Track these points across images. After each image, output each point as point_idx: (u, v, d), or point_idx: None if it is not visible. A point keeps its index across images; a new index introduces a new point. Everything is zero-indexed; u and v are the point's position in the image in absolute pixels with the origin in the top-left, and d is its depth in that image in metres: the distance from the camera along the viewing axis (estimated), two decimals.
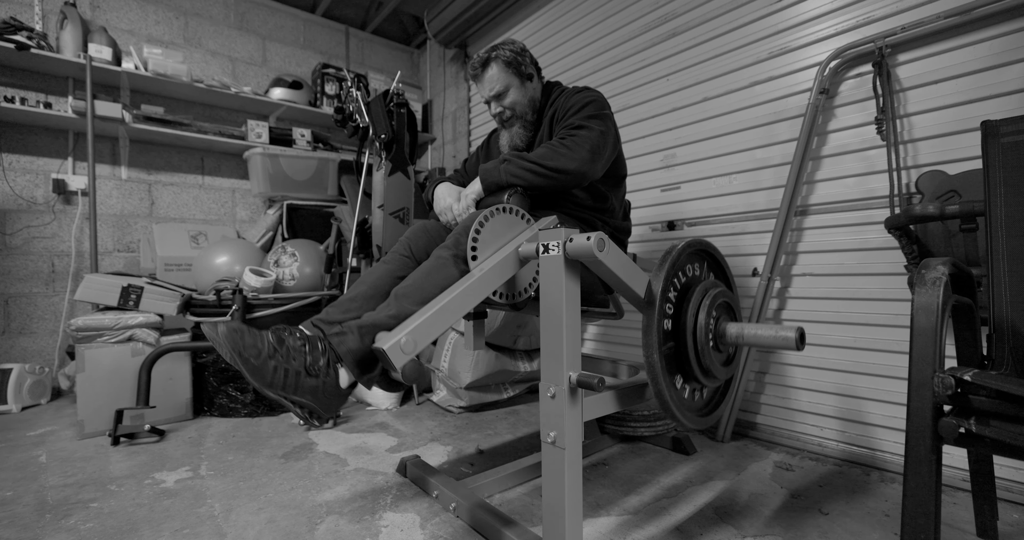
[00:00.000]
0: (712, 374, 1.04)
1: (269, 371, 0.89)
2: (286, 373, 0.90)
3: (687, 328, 1.00)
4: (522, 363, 2.27)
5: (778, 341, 0.94)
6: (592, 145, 1.24)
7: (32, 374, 2.25)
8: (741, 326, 1.02)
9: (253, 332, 0.92)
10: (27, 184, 2.52)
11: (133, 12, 2.81)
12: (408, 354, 0.90)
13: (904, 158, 1.51)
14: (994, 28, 1.37)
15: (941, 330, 0.78)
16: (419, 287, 1.05)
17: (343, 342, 0.96)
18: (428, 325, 0.94)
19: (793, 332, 0.92)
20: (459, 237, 1.11)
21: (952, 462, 1.38)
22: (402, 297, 1.05)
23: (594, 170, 1.25)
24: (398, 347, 0.89)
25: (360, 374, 0.98)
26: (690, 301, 1.02)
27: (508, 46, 1.41)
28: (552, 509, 0.94)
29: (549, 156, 1.22)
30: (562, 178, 1.22)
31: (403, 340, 0.89)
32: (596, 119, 1.30)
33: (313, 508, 1.29)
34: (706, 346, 1.00)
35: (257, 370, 0.88)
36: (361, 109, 2.26)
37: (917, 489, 0.76)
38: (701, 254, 1.13)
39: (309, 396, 0.93)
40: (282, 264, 2.34)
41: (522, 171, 1.22)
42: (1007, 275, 0.97)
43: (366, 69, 3.61)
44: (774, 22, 1.80)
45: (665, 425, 1.71)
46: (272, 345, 0.91)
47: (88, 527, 1.19)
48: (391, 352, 0.88)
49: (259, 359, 0.89)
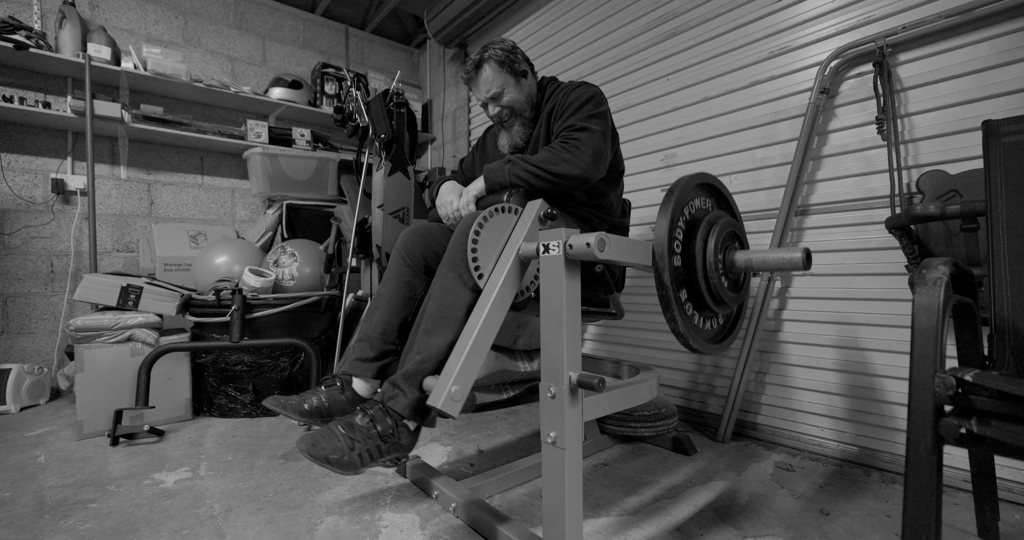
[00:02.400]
0: (723, 301, 1.05)
1: (357, 461, 1.00)
2: (369, 453, 1.02)
3: (696, 258, 1.01)
4: (522, 363, 2.26)
5: (785, 263, 0.96)
6: (595, 148, 1.23)
7: (31, 374, 2.25)
8: (749, 253, 1.03)
9: (326, 434, 1.01)
10: (26, 184, 2.51)
11: (132, 11, 2.80)
12: (459, 401, 0.96)
13: (905, 158, 1.51)
14: (995, 27, 1.37)
15: (942, 330, 0.78)
16: (439, 317, 1.10)
17: (397, 402, 1.06)
18: (467, 367, 0.98)
19: (799, 252, 0.94)
20: (457, 254, 1.10)
21: (953, 462, 1.38)
22: (426, 334, 1.10)
23: (597, 173, 1.25)
24: (450, 399, 0.95)
25: (422, 420, 1.09)
26: (698, 232, 1.02)
27: (498, 45, 1.40)
28: (552, 509, 0.94)
29: (552, 161, 1.21)
30: (565, 183, 1.22)
31: (452, 390, 0.95)
32: (596, 118, 1.29)
33: (313, 508, 1.28)
34: (718, 280, 1.01)
35: (348, 465, 0.99)
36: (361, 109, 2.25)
37: (918, 489, 0.76)
38: (705, 187, 1.13)
39: (392, 454, 1.06)
40: (281, 264, 2.34)
41: (526, 174, 1.22)
42: (1008, 275, 0.97)
43: (366, 69, 3.61)
44: (774, 21, 1.80)
45: (665, 425, 1.71)
46: (347, 437, 1.01)
47: (87, 528, 1.19)
48: (445, 406, 0.94)
49: (345, 457, 0.99)
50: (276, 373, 2.15)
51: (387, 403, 1.07)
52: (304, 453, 0.98)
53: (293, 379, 2.20)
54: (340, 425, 1.03)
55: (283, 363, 2.17)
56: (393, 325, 1.27)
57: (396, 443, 1.05)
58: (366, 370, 1.24)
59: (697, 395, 2.04)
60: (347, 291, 2.24)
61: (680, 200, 1.02)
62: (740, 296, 1.12)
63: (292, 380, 2.19)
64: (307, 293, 2.26)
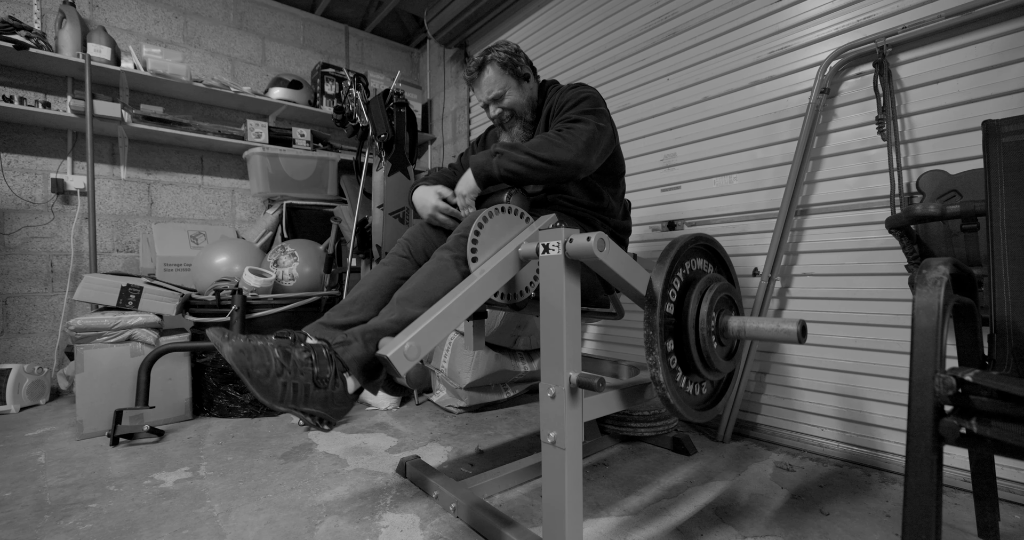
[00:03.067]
0: (714, 367, 1.04)
1: (279, 389, 0.90)
2: (295, 388, 0.91)
3: (689, 322, 1.00)
4: (522, 363, 2.27)
5: (780, 334, 0.94)
6: (588, 137, 1.22)
7: (31, 374, 2.25)
8: (743, 320, 1.02)
9: (259, 348, 0.92)
10: (26, 184, 2.51)
11: (132, 11, 2.80)
12: (412, 360, 0.90)
13: (905, 158, 1.51)
14: (995, 27, 1.37)
15: (942, 330, 0.78)
16: (421, 290, 1.05)
17: (348, 350, 0.97)
18: (431, 330, 0.94)
19: (795, 325, 0.92)
20: (459, 238, 1.11)
21: (953, 462, 1.38)
22: (404, 300, 1.04)
23: (589, 163, 1.23)
24: (402, 354, 0.89)
25: (366, 381, 0.99)
26: (692, 295, 1.02)
27: (502, 48, 1.41)
28: (552, 509, 0.94)
29: (543, 146, 1.19)
30: (556, 169, 1.19)
31: (407, 346, 0.90)
32: (592, 114, 1.28)
33: (313, 508, 1.28)
34: (708, 339, 1.00)
35: (267, 389, 0.89)
36: (361, 109, 2.25)
37: (918, 489, 0.76)
38: (703, 249, 1.13)
39: (319, 406, 0.94)
40: (281, 264, 2.34)
41: (514, 164, 1.19)
42: (1008, 275, 0.97)
43: (366, 69, 3.61)
44: (774, 21, 1.80)
45: (666, 425, 1.71)
46: (279, 361, 0.91)
47: (87, 528, 1.19)
48: (395, 359, 0.88)
49: (268, 378, 0.89)
50: None
51: (335, 348, 0.98)
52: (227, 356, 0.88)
53: None
54: (276, 348, 0.93)
55: None
56: (373, 301, 1.15)
57: (328, 394, 0.95)
58: (326, 333, 1.08)
59: None
60: (347, 291, 2.24)
61: (682, 251, 1.01)
62: (731, 364, 1.10)
63: None
64: (307, 293, 2.26)
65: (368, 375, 0.99)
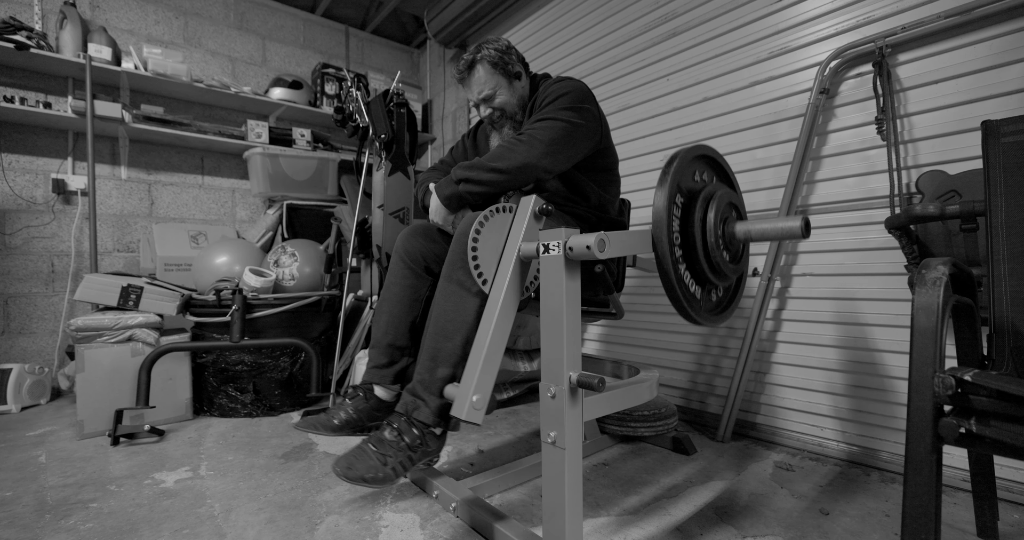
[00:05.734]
0: (722, 272, 1.05)
1: (392, 474, 1.02)
2: (402, 464, 1.04)
3: (696, 231, 1.01)
4: (522, 363, 2.27)
5: (785, 232, 0.95)
6: (552, 137, 1.19)
7: (32, 374, 2.25)
8: (748, 223, 1.03)
9: (359, 453, 1.03)
10: (27, 184, 2.51)
11: (133, 12, 2.81)
12: (481, 409, 0.98)
13: (904, 158, 1.51)
14: (994, 28, 1.37)
15: (941, 330, 0.78)
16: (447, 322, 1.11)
17: (421, 412, 1.08)
18: (485, 375, 0.99)
19: (798, 221, 0.93)
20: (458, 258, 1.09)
21: (952, 462, 1.38)
22: (436, 338, 1.10)
23: (553, 163, 1.20)
24: (473, 408, 0.97)
25: (447, 425, 1.11)
26: (696, 205, 1.02)
27: (492, 45, 1.36)
28: (552, 509, 0.94)
29: (497, 156, 1.18)
30: (513, 176, 1.17)
31: (474, 399, 0.97)
32: (567, 110, 1.23)
33: (313, 508, 1.29)
34: (716, 246, 1.01)
35: (385, 479, 1.01)
36: (361, 109, 2.25)
37: (917, 489, 0.76)
38: (703, 159, 1.12)
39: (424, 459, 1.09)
40: (282, 264, 2.34)
41: (474, 185, 1.18)
42: (1007, 275, 0.97)
43: (366, 69, 3.61)
44: (774, 22, 1.80)
45: (665, 425, 1.71)
46: (379, 454, 1.03)
47: (88, 527, 1.19)
48: (469, 416, 0.97)
49: (381, 472, 1.01)
50: (276, 373, 2.15)
51: (412, 415, 1.09)
52: (341, 476, 1.00)
53: (293, 379, 2.20)
54: (371, 443, 1.06)
55: (283, 363, 2.17)
56: (402, 328, 1.28)
57: (425, 450, 1.08)
58: (384, 377, 1.27)
59: (697, 395, 2.04)
60: (347, 291, 2.24)
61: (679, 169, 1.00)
62: (739, 267, 1.12)
63: (292, 380, 2.20)
64: (307, 293, 2.27)
65: (446, 420, 1.10)
